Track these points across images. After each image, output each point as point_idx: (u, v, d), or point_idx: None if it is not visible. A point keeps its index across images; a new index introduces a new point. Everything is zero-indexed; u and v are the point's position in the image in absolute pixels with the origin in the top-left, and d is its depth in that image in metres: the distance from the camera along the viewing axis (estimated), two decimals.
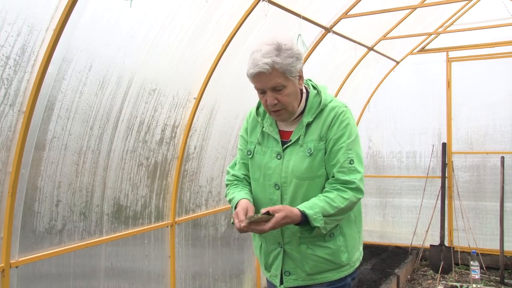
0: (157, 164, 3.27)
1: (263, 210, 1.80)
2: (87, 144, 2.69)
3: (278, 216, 1.78)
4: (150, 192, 3.24)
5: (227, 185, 2.19)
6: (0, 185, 2.26)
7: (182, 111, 3.35)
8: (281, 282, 2.05)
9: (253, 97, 2.18)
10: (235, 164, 2.23)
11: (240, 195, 2.03)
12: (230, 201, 2.09)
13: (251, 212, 1.88)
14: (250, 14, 3.29)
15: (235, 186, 2.14)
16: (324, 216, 1.84)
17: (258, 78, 1.87)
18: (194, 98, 3.38)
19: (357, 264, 2.08)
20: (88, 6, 2.38)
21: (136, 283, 3.13)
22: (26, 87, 2.24)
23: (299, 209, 1.84)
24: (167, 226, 3.39)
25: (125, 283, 3.05)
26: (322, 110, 1.97)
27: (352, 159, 1.90)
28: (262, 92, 1.93)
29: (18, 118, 2.25)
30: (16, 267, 2.35)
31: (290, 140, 1.98)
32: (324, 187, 1.95)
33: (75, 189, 2.66)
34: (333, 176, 1.92)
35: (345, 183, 1.89)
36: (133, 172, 3.06)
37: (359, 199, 1.93)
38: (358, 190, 1.90)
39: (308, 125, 1.97)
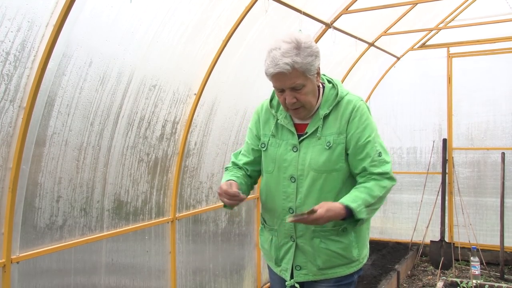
0: (158, 160, 3.27)
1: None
2: (88, 140, 2.69)
3: (320, 211, 1.77)
4: (151, 188, 3.25)
5: (225, 170, 2.20)
6: (0, 181, 2.26)
7: (183, 107, 3.35)
8: (292, 277, 2.04)
9: (254, 93, 2.18)
10: (239, 153, 2.22)
11: (226, 178, 2.04)
12: None
13: (234, 187, 1.88)
14: (251, 10, 3.28)
15: (229, 171, 2.15)
16: (366, 207, 1.87)
17: (278, 77, 1.85)
18: (195, 94, 3.38)
19: (365, 260, 2.10)
20: (88, 1, 2.37)
21: (137, 279, 3.14)
22: (26, 82, 2.24)
23: (342, 203, 1.84)
24: (168, 222, 3.40)
25: (126, 279, 3.06)
26: (338, 103, 1.98)
27: (380, 152, 1.94)
28: (281, 91, 1.91)
29: (19, 114, 2.25)
30: (17, 262, 2.35)
31: (306, 133, 1.98)
32: (341, 181, 1.96)
33: (75, 185, 2.66)
34: (366, 170, 1.94)
35: (380, 174, 1.93)
36: (134, 168, 3.07)
37: (393, 185, 1.98)
38: (391, 178, 1.97)
39: (325, 117, 1.96)
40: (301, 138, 1.98)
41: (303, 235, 1.99)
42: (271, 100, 2.11)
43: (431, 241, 5.79)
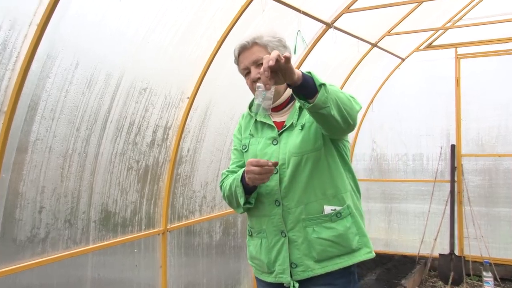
0: (148, 167, 3.26)
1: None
2: (73, 146, 2.68)
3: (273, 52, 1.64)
4: (141, 197, 3.24)
5: (221, 186, 2.20)
6: None
7: (175, 112, 3.35)
8: (291, 277, 2.00)
9: (250, 97, 2.21)
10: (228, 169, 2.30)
11: (232, 176, 2.08)
12: (230, 188, 2.06)
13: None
14: (247, 9, 3.29)
15: (228, 177, 2.16)
16: (327, 85, 1.74)
17: (242, 56, 2.02)
18: (188, 98, 3.39)
19: (371, 251, 2.11)
20: None
21: None
22: (8, 85, 2.24)
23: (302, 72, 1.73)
24: (159, 234, 3.39)
25: None
26: None
27: (352, 96, 1.89)
28: (247, 74, 2.05)
29: None
30: None
31: (285, 126, 2.07)
32: (325, 162, 1.97)
33: (59, 195, 2.66)
34: None
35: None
36: (122, 176, 3.06)
37: (351, 110, 1.82)
38: (354, 101, 1.87)
39: (301, 108, 2.06)
40: (281, 131, 2.07)
41: (294, 227, 1.99)
42: (250, 107, 2.27)
43: (440, 254, 5.78)
